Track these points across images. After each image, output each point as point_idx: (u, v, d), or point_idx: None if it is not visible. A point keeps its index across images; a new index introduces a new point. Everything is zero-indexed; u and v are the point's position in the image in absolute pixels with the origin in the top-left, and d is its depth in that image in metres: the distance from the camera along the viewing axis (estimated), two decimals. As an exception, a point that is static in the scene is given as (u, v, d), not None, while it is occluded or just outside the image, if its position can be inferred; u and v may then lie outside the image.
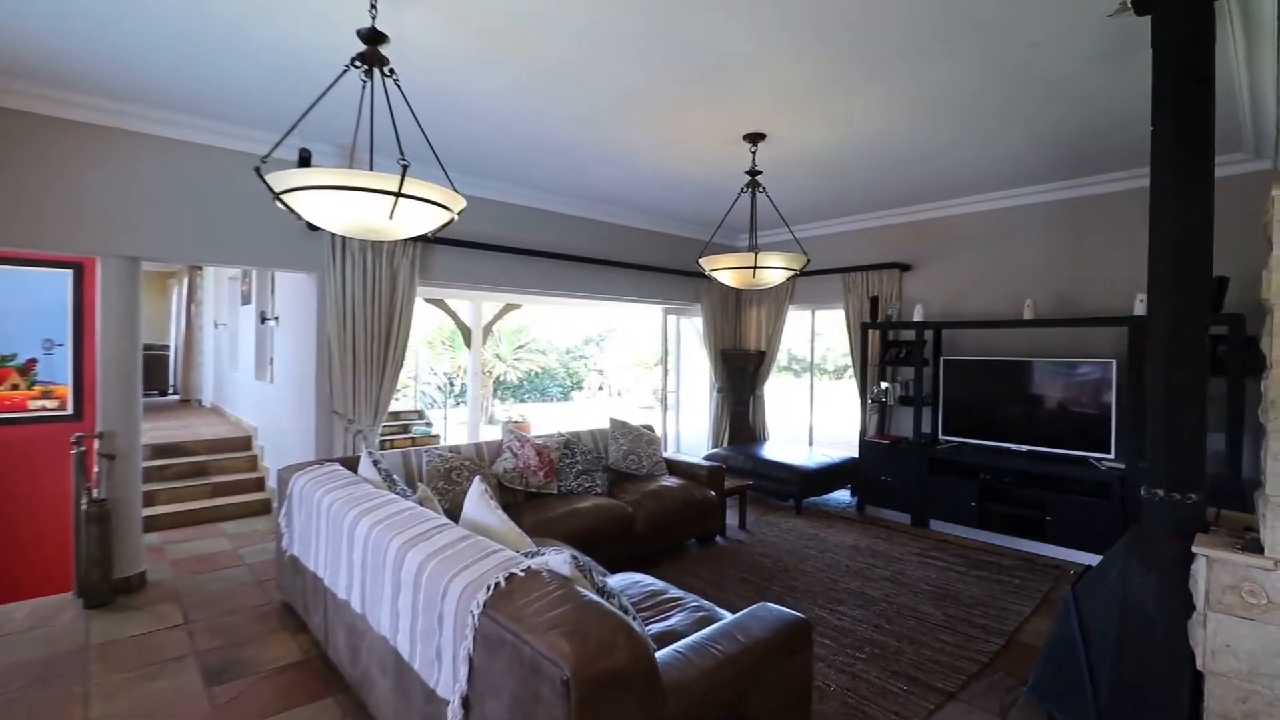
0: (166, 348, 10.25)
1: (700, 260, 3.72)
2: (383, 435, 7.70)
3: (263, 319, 5.41)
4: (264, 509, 5.05)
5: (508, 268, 4.99)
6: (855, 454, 5.80)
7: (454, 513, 3.18)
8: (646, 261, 5.98)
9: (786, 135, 3.62)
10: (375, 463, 2.99)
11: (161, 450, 5.28)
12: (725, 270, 3.60)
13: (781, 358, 7.01)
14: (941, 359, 5.03)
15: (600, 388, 23.11)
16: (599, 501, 3.82)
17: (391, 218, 2.01)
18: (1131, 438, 4.01)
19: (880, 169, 4.24)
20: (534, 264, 5.14)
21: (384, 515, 2.28)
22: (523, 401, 18.98)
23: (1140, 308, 4.01)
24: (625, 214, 5.74)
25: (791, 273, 3.59)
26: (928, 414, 5.08)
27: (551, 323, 19.38)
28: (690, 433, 7.49)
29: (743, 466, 5.48)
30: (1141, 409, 3.95)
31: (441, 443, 7.98)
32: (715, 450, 6.03)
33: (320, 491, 2.74)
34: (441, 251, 4.60)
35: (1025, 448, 4.54)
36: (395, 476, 3.04)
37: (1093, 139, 3.69)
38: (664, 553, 4.12)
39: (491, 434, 9.91)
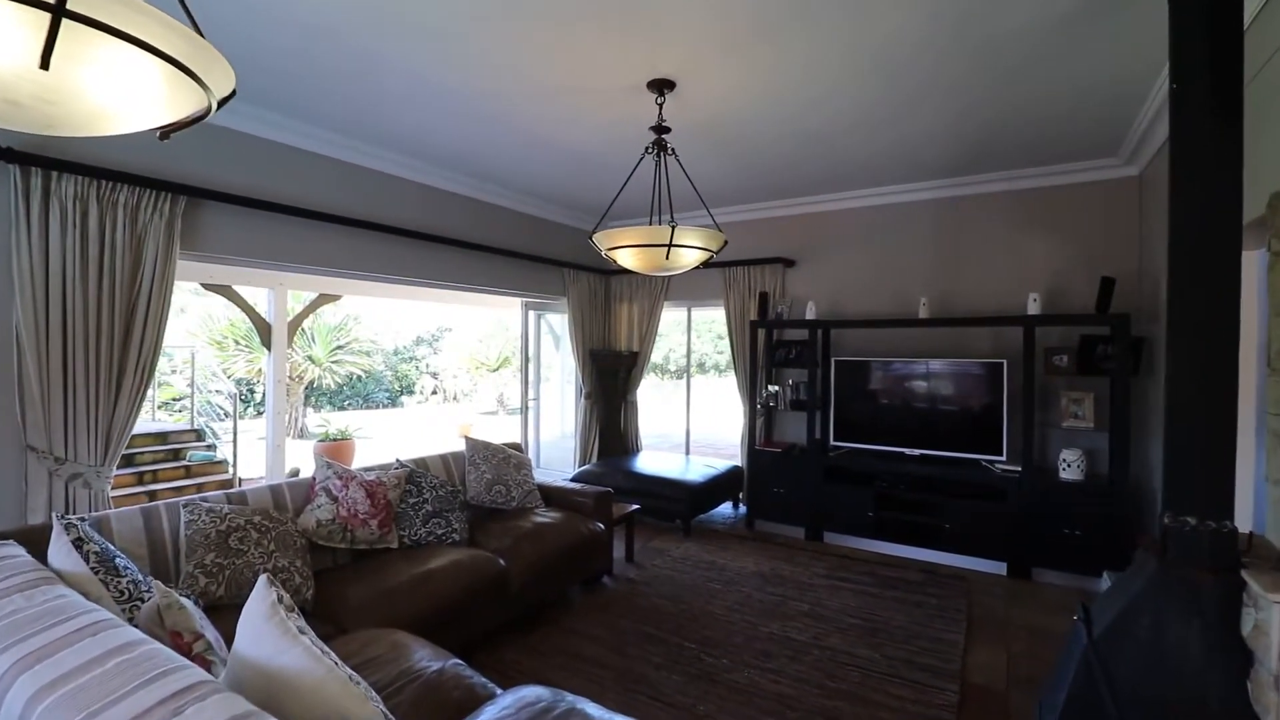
0: None
1: (594, 238, 2.91)
2: (148, 466, 5.82)
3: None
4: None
5: (323, 242, 3.76)
6: (737, 462, 5.37)
7: (235, 609, 2.05)
8: (508, 246, 5.01)
9: (699, 88, 2.95)
10: (79, 541, 1.77)
11: None
12: (627, 249, 2.82)
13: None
14: (832, 360, 4.72)
15: (434, 392, 21.26)
16: (459, 555, 2.83)
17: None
18: (1021, 440, 3.93)
19: (793, 142, 3.73)
20: (361, 239, 3.95)
21: (62, 670, 1.18)
22: (342, 409, 16.66)
23: (1034, 307, 3.94)
24: (483, 186, 4.73)
25: (708, 255, 2.92)
26: (817, 419, 4.74)
27: (376, 320, 17.26)
28: (551, 444, 6.61)
29: (622, 485, 4.74)
30: (1031, 410, 3.88)
31: (232, 470, 6.25)
32: (587, 467, 5.24)
33: (-51, 611, 1.49)
34: (217, 211, 3.27)
35: (918, 451, 4.34)
36: (121, 561, 1.84)
37: (1023, 128, 3.46)
38: (545, 608, 3.24)
39: (303, 453, 8.15)
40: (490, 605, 2.78)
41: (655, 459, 5.51)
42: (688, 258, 2.85)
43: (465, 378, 22.90)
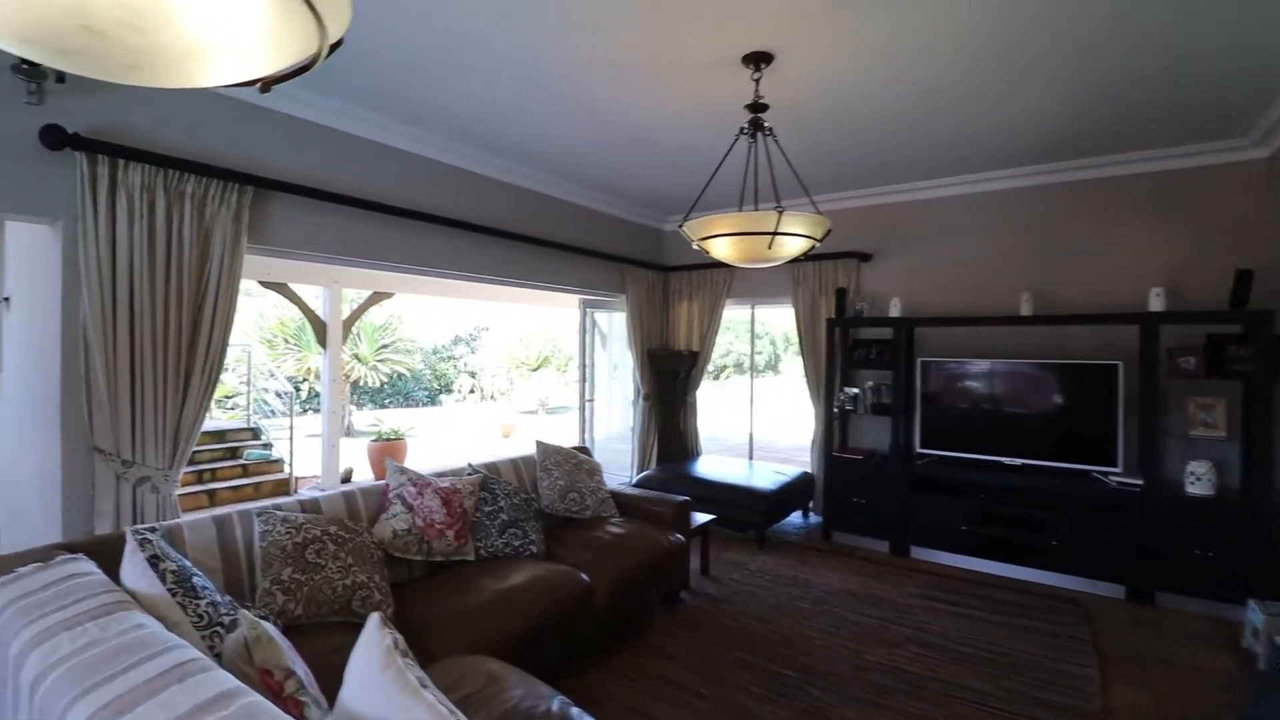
0: None
1: (685, 227, 2.66)
2: (206, 465, 5.80)
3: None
4: None
5: (386, 236, 3.60)
6: (805, 469, 5.07)
7: (314, 629, 1.88)
8: (568, 240, 4.80)
9: (798, 61, 2.67)
10: (155, 559, 1.60)
11: None
12: (723, 238, 2.57)
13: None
14: (917, 360, 4.38)
15: (472, 391, 21.37)
16: (540, 570, 2.61)
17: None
18: (1140, 449, 3.54)
19: (888, 124, 3.41)
20: (424, 233, 3.78)
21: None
22: (384, 407, 16.80)
23: (1156, 303, 3.55)
24: (544, 178, 4.53)
25: (811, 244, 2.64)
26: (901, 424, 4.41)
27: (416, 319, 17.37)
28: (601, 445, 6.39)
29: (688, 492, 4.47)
30: (1154, 417, 3.50)
31: (288, 469, 6.19)
32: (649, 472, 5.00)
33: (18, 640, 1.32)
34: (283, 202, 3.13)
35: (1019, 461, 3.97)
36: (199, 580, 1.67)
37: (1151, 102, 3.08)
38: (627, 627, 3.01)
39: (353, 451, 8.09)
40: (575, 625, 2.56)
41: (719, 464, 5.24)
42: (790, 246, 2.58)
43: (504, 377, 22.99)
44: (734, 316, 6.26)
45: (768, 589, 3.60)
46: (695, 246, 2.75)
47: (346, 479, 6.46)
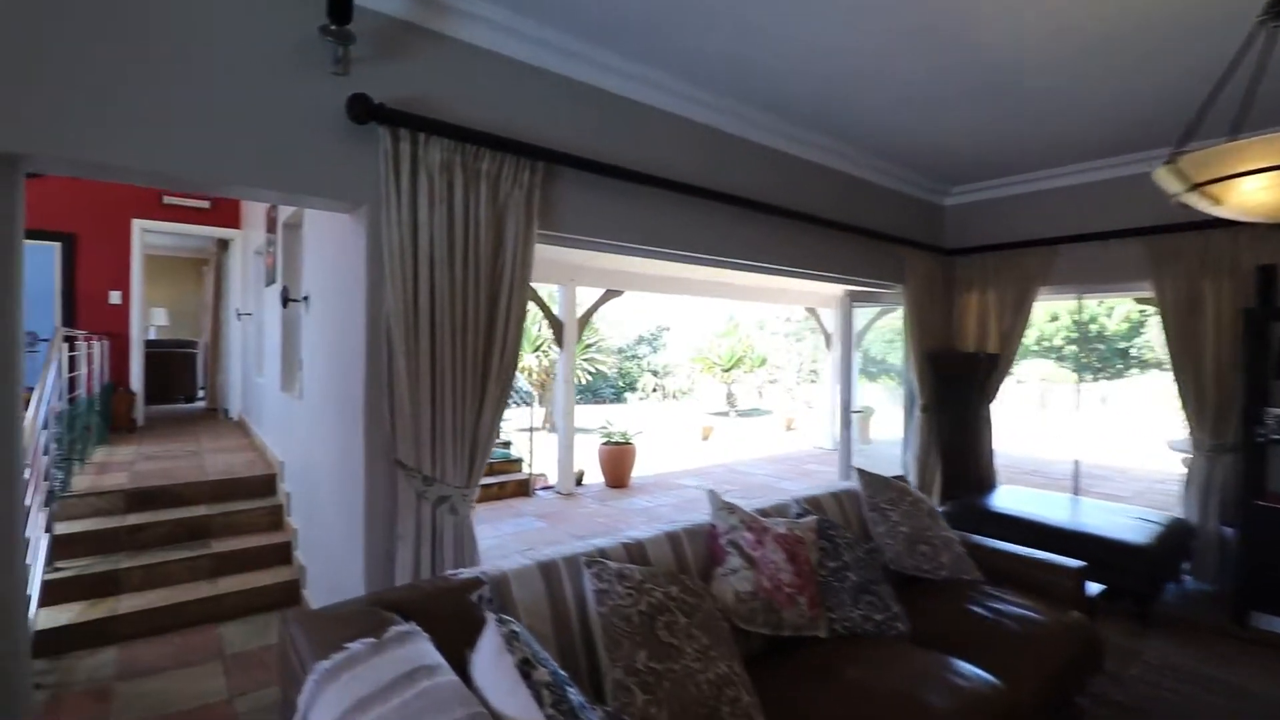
0: (193, 345, 8.75)
1: (1183, 163, 1.72)
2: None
3: (285, 301, 3.60)
4: (285, 596, 3.26)
5: (673, 219, 3.08)
6: (1175, 513, 3.73)
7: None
8: (843, 218, 3.97)
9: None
10: (525, 666, 1.09)
11: (140, 498, 3.55)
12: (1266, 174, 1.58)
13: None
14: None
15: (654, 389, 21.40)
16: (928, 665, 1.84)
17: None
18: None
19: None
20: (707, 214, 3.21)
21: None
22: (577, 404, 17.28)
23: None
24: (833, 145, 3.77)
25: None
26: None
27: (606, 319, 17.63)
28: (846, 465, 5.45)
29: (1007, 538, 3.41)
30: None
31: (526, 469, 6.12)
32: (944, 509, 4.00)
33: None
34: (569, 181, 2.70)
35: None
36: (572, 691, 1.14)
37: None
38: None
39: (575, 451, 7.74)
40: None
41: (1037, 500, 4.08)
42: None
43: (686, 376, 22.72)
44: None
45: (1195, 697, 2.48)
46: (1180, 201, 1.78)
47: (578, 482, 6.27)
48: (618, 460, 6.33)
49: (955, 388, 4.66)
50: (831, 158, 3.94)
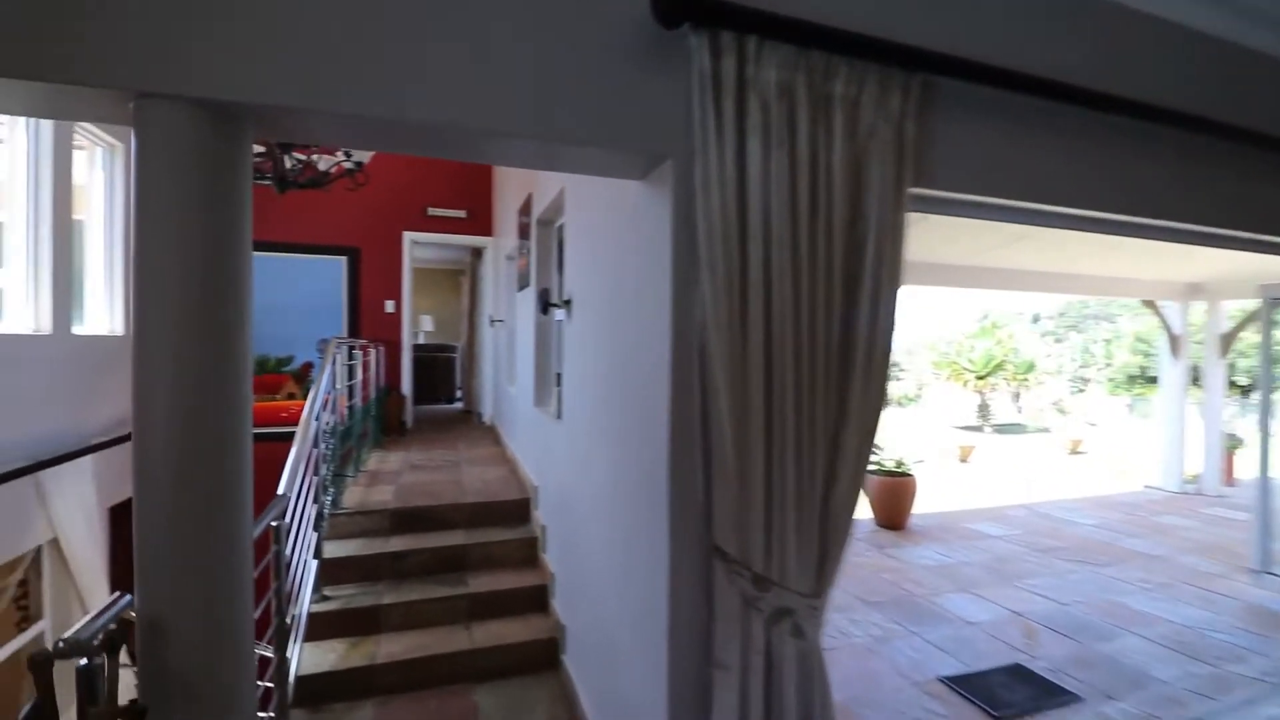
0: (453, 349, 9.41)
1: None
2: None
3: (544, 305, 3.13)
4: (543, 656, 2.75)
5: (1096, 168, 1.93)
6: None
7: None
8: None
9: None
10: None
11: (403, 519, 3.36)
12: None
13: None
14: None
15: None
16: None
17: None
18: None
19: None
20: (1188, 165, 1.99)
21: None
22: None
23: None
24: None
25: None
26: None
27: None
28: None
29: None
30: None
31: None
32: None
33: None
34: (955, 105, 1.71)
35: None
36: None
37: None
38: None
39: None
40: None
41: None
42: None
43: (921, 381, 20.03)
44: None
45: None
46: None
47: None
48: (894, 495, 5.11)
49: None
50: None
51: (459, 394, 9.26)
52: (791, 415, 1.44)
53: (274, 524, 2.05)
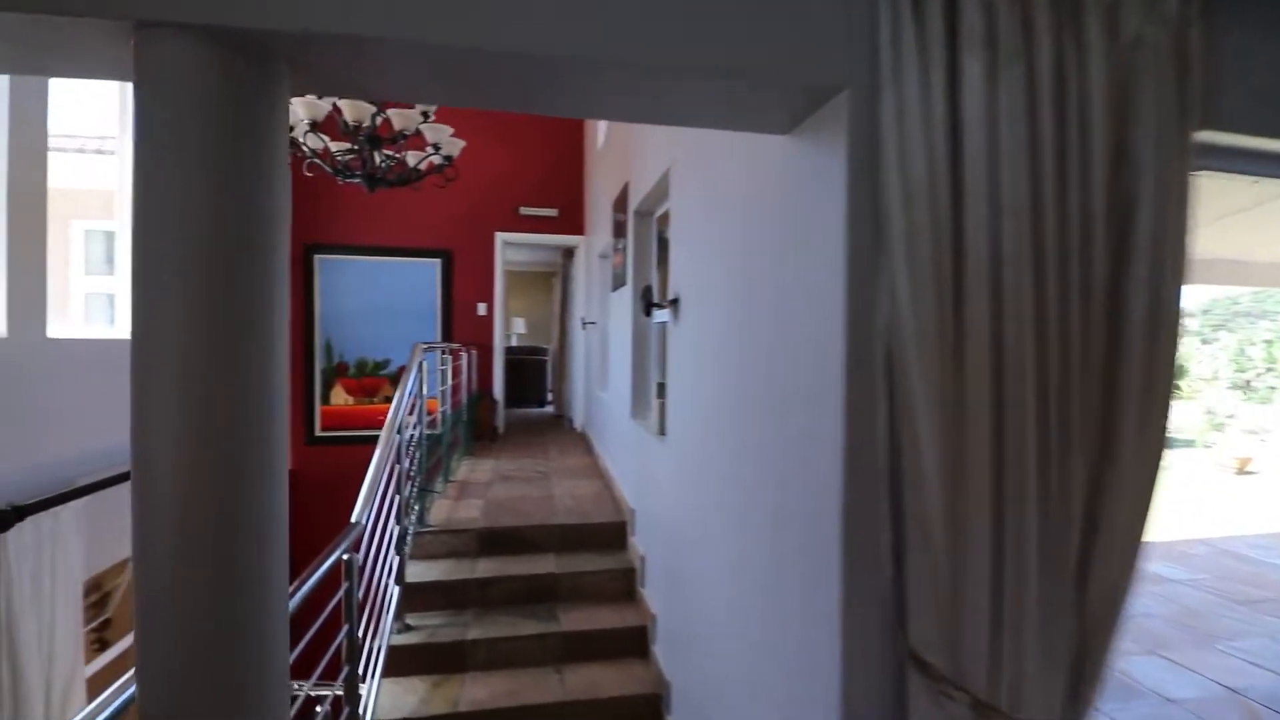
0: (543, 352, 9.30)
1: None
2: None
3: (647, 307, 2.72)
4: (644, 716, 2.37)
5: None
6: None
7: None
8: None
9: None
10: None
11: (491, 540, 3.09)
12: None
13: None
14: None
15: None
16: None
17: None
18: None
19: None
20: None
21: None
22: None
23: None
24: None
25: None
26: None
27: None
28: None
29: None
30: None
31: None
32: None
33: None
34: (1257, 9, 1.17)
35: None
36: None
37: None
38: None
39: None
40: None
41: None
42: None
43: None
44: None
45: None
46: None
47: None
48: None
49: None
50: None
51: (549, 397, 9.15)
52: (1034, 461, 0.97)
53: (345, 557, 1.81)
